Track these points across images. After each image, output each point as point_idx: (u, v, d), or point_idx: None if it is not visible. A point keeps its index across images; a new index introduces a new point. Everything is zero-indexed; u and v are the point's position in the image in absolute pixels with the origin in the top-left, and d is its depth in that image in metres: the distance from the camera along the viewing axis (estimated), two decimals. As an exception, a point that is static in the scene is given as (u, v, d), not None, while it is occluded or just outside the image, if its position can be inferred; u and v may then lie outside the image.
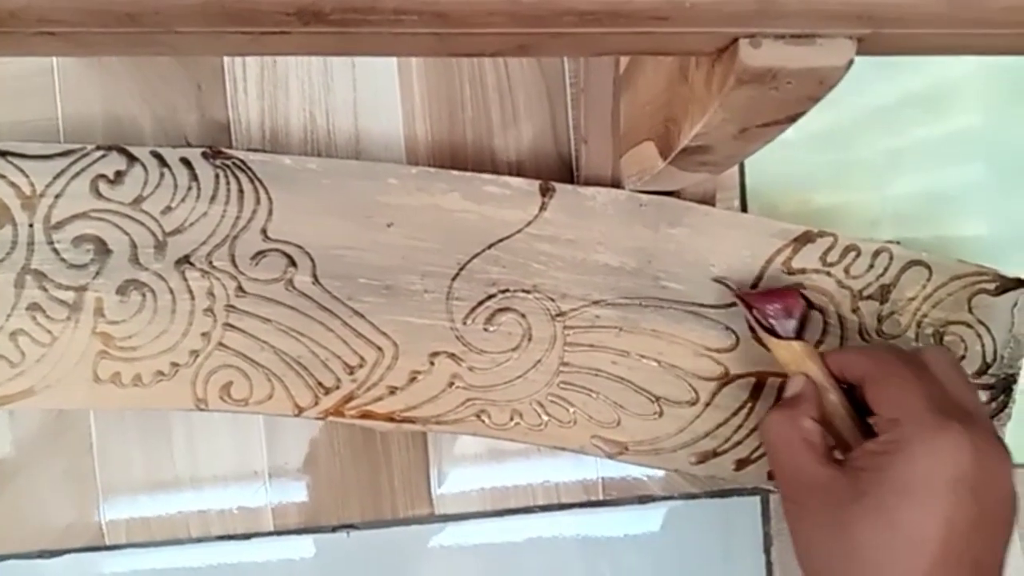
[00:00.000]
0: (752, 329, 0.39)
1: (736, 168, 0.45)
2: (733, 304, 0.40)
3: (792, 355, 0.35)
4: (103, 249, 0.38)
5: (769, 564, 0.46)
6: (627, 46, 0.21)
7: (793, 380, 0.35)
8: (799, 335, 0.36)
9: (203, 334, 0.38)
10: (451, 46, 0.21)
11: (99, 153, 0.38)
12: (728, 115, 0.24)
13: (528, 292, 0.39)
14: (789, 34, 0.21)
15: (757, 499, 0.46)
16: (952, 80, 0.46)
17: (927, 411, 0.30)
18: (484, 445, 0.44)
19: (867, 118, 0.46)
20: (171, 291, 0.38)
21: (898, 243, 0.40)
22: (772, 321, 0.36)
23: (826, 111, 0.45)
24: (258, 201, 0.38)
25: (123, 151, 0.38)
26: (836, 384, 0.34)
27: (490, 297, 0.39)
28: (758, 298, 0.37)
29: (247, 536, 0.44)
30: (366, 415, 0.39)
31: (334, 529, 0.44)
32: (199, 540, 0.44)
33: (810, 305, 0.36)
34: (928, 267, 0.40)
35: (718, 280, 0.39)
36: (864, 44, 0.21)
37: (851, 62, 0.21)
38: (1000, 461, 0.30)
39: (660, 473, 0.45)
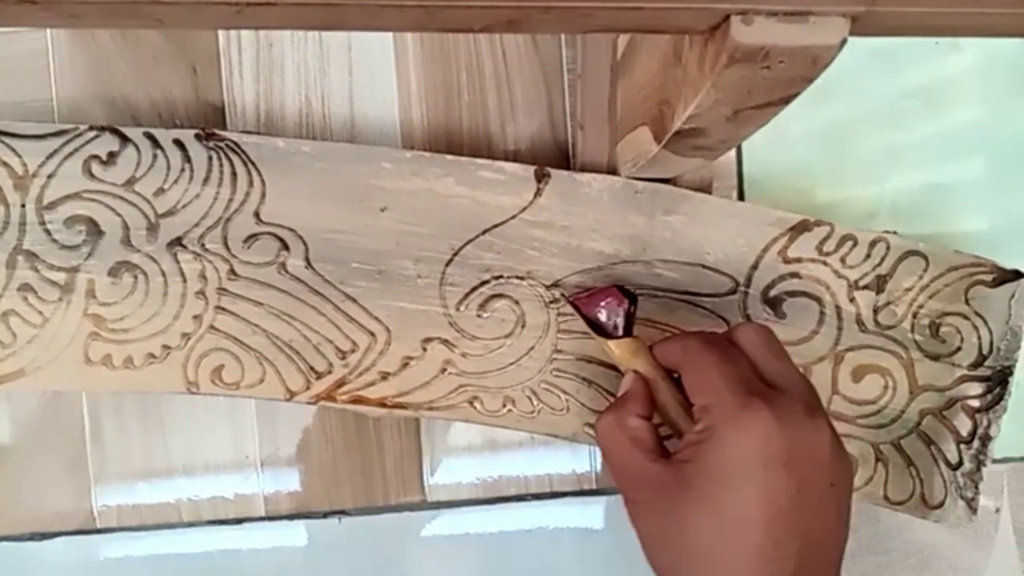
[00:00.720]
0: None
1: (734, 158, 0.44)
2: (727, 293, 0.39)
3: (623, 352, 0.35)
4: (95, 230, 0.38)
5: (762, 556, 0.45)
6: (617, 22, 0.21)
7: (625, 378, 0.35)
8: (627, 331, 0.36)
9: (195, 317, 0.38)
10: (439, 20, 0.21)
11: (92, 134, 0.38)
12: (721, 95, 0.24)
13: (522, 279, 0.39)
14: (782, 11, 0.21)
15: (751, 490, 0.45)
16: (951, 74, 0.46)
17: (730, 393, 0.30)
18: (478, 435, 0.44)
19: (866, 111, 0.45)
20: (163, 273, 0.38)
21: (895, 233, 0.40)
22: (601, 321, 0.36)
23: (826, 103, 0.46)
24: (251, 184, 0.38)
25: (116, 132, 0.38)
26: (666, 375, 0.34)
27: (484, 283, 0.39)
28: (585, 301, 0.37)
29: (239, 521, 0.44)
30: (358, 400, 0.39)
31: (326, 515, 0.44)
32: (190, 525, 0.44)
33: (632, 299, 0.36)
34: (925, 257, 0.40)
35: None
36: (858, 23, 0.21)
37: (844, 41, 0.21)
38: (811, 430, 0.30)
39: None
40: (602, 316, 0.36)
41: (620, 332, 0.36)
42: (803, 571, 0.28)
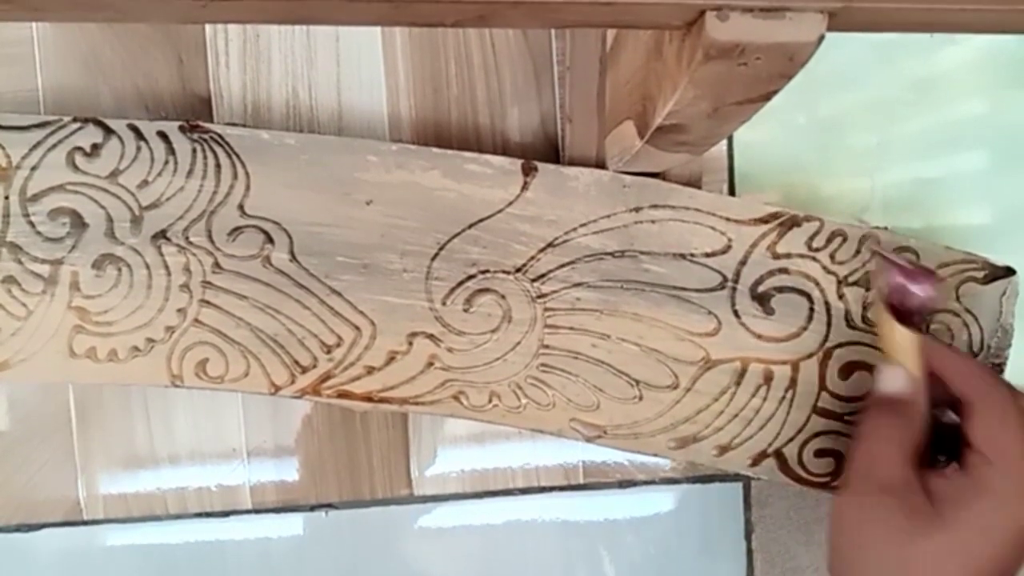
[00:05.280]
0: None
1: (725, 152, 0.44)
2: (715, 288, 0.39)
3: (903, 343, 0.34)
4: (79, 222, 0.38)
5: (750, 551, 0.45)
6: (588, 17, 0.21)
7: (896, 371, 0.34)
8: (917, 324, 0.34)
9: (179, 310, 0.38)
10: (408, 14, 0.20)
11: (76, 125, 0.37)
12: (699, 92, 0.23)
13: (508, 273, 0.39)
14: (758, 7, 0.20)
15: (739, 485, 0.45)
16: (947, 66, 0.45)
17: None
18: (465, 427, 0.44)
19: (860, 103, 0.45)
20: (147, 266, 0.38)
21: (886, 228, 0.40)
22: (905, 298, 0.34)
23: (818, 96, 0.45)
24: (235, 176, 0.38)
25: (100, 123, 0.37)
26: (928, 383, 0.33)
27: (470, 278, 0.39)
28: (899, 270, 0.35)
29: (225, 514, 0.44)
30: (343, 395, 0.39)
31: (312, 508, 0.44)
32: (176, 517, 0.44)
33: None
34: (915, 254, 0.39)
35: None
36: (836, 19, 0.21)
37: (822, 38, 0.21)
38: None
39: (641, 458, 0.44)
40: (907, 293, 0.34)
41: (915, 320, 0.34)
42: None
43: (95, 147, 0.37)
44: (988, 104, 0.45)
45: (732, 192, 0.44)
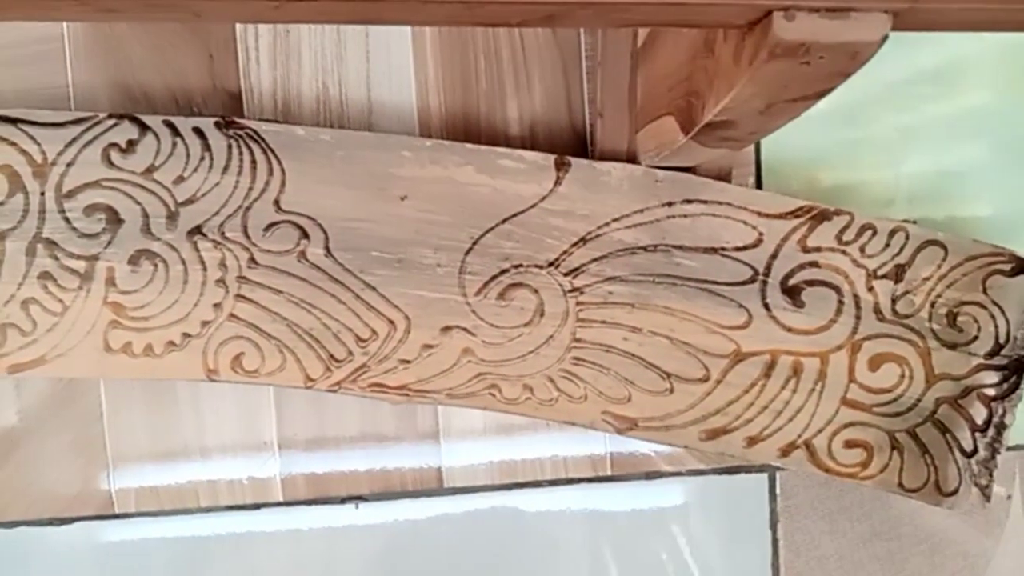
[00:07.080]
0: None
1: (752, 145, 0.44)
2: (746, 282, 0.39)
3: None
4: (115, 218, 0.38)
5: (775, 541, 0.46)
6: (655, 17, 0.21)
7: None
8: None
9: (215, 305, 0.38)
10: (478, 14, 0.20)
11: (111, 122, 0.38)
12: (757, 89, 0.24)
13: (541, 267, 0.39)
14: (824, 7, 0.21)
15: (765, 476, 0.46)
16: (966, 57, 0.45)
17: None
18: (493, 418, 0.44)
19: (882, 95, 0.45)
20: (183, 261, 0.38)
21: (915, 222, 0.40)
22: None
23: (842, 88, 0.45)
24: (271, 172, 0.38)
25: (135, 120, 0.38)
26: None
27: (503, 272, 0.39)
28: None
29: (256, 506, 0.44)
30: (378, 387, 0.39)
31: (343, 500, 0.44)
32: (208, 510, 0.44)
33: None
34: (944, 247, 0.40)
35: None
36: (899, 19, 0.21)
37: (885, 37, 0.21)
38: None
39: (668, 449, 0.45)
40: None
41: None
42: None
43: (131, 143, 0.38)
44: (1012, 95, 0.45)
45: (759, 185, 0.44)
